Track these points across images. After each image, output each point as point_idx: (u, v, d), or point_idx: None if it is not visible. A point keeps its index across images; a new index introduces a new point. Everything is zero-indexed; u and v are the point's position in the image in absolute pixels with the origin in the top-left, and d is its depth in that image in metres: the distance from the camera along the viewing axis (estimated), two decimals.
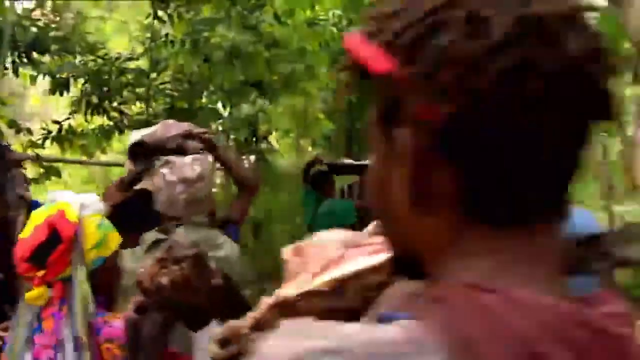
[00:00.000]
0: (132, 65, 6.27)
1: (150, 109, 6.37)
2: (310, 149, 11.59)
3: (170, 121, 3.10)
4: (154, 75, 6.15)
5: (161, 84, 6.20)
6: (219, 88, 6.23)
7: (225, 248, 2.50)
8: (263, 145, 7.60)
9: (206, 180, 2.54)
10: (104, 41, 6.79)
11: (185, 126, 2.85)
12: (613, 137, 15.65)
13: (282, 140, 11.01)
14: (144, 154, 2.68)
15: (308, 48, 6.90)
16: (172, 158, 2.56)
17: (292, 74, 6.44)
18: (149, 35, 6.35)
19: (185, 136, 2.76)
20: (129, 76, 6.23)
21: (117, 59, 6.24)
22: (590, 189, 12.67)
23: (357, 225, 3.98)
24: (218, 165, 3.09)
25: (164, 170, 2.53)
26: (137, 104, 6.50)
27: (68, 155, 6.95)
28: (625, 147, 13.07)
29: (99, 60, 6.18)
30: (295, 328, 0.54)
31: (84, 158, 7.16)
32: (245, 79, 6.17)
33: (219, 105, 6.64)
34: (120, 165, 7.39)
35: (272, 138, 9.36)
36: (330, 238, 1.28)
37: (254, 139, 7.55)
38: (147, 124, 6.29)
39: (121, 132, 6.40)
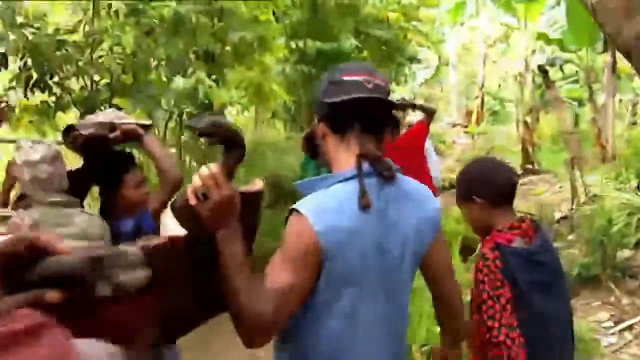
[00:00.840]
0: (73, 37, 5.93)
1: (96, 85, 6.08)
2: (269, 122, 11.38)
3: (110, 110, 3.32)
4: (89, 49, 5.80)
5: (99, 57, 5.87)
6: (162, 61, 5.93)
7: (77, 225, 2.66)
8: None
9: (49, 162, 2.69)
10: (44, 14, 6.37)
11: (113, 117, 3.02)
12: (584, 106, 15.61)
13: (243, 114, 10.74)
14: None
15: (261, 18, 6.62)
16: (22, 143, 2.75)
17: (242, 45, 6.16)
18: (88, 6, 5.99)
19: (104, 126, 2.95)
20: (70, 50, 5.89)
21: (56, 30, 5.91)
22: (562, 158, 12.58)
23: None
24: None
25: (15, 155, 2.74)
26: (79, 79, 6.15)
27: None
28: (596, 115, 12.92)
29: (37, 33, 5.83)
30: None
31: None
32: (190, 50, 5.87)
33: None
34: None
35: (230, 112, 9.09)
36: None
37: (207, 114, 7.28)
38: (87, 100, 6.04)
39: (63, 109, 6.10)
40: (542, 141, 15.42)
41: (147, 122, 3.27)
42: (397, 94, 24.02)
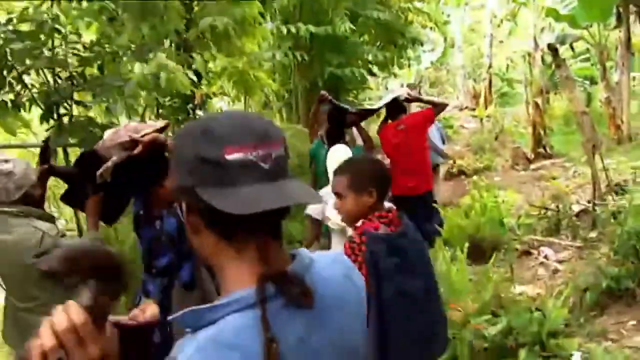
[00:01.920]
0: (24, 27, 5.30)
1: (58, 79, 5.47)
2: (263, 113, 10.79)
3: (122, 126, 3.38)
4: (49, 40, 5.15)
5: (53, 47, 5.21)
6: (128, 50, 5.30)
7: (14, 234, 3.05)
8: (200, 112, 6.74)
9: None
10: None
11: (131, 129, 3.16)
12: (596, 85, 14.95)
13: (233, 105, 10.15)
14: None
15: None
16: None
17: (218, 30, 5.53)
18: None
19: (125, 146, 3.10)
20: (29, 42, 5.27)
21: (9, 19, 5.28)
22: (575, 141, 11.98)
23: None
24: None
25: None
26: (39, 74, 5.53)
27: None
28: (610, 94, 12.28)
29: None
30: None
31: None
32: (160, 37, 5.25)
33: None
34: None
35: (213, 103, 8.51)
36: None
37: (188, 105, 6.70)
38: (48, 96, 5.43)
39: (22, 107, 5.49)
40: (553, 123, 14.75)
41: (162, 123, 3.37)
42: (399, 79, 23.42)
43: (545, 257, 6.08)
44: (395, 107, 6.00)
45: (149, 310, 1.25)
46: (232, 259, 1.20)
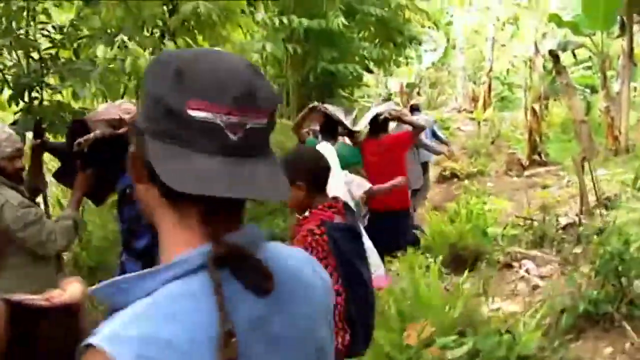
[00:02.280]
0: None
1: (31, 60, 5.26)
2: None
3: (118, 102, 3.54)
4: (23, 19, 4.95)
5: (21, 28, 4.99)
6: (101, 32, 5.10)
7: None
8: None
9: None
10: None
11: (124, 109, 3.26)
12: (596, 94, 14.74)
13: None
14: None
15: None
16: None
17: (201, 16, 5.34)
18: None
19: (111, 123, 3.18)
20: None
21: None
22: (571, 149, 11.79)
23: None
24: None
25: None
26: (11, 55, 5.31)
27: None
28: (610, 104, 12.08)
29: None
30: None
31: None
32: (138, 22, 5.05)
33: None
34: None
35: None
36: None
37: None
38: (20, 78, 5.22)
39: None
40: (550, 130, 14.55)
41: None
42: (398, 78, 23.18)
43: (527, 271, 5.87)
44: (376, 124, 6.13)
45: (69, 290, 1.03)
46: (174, 224, 0.97)
